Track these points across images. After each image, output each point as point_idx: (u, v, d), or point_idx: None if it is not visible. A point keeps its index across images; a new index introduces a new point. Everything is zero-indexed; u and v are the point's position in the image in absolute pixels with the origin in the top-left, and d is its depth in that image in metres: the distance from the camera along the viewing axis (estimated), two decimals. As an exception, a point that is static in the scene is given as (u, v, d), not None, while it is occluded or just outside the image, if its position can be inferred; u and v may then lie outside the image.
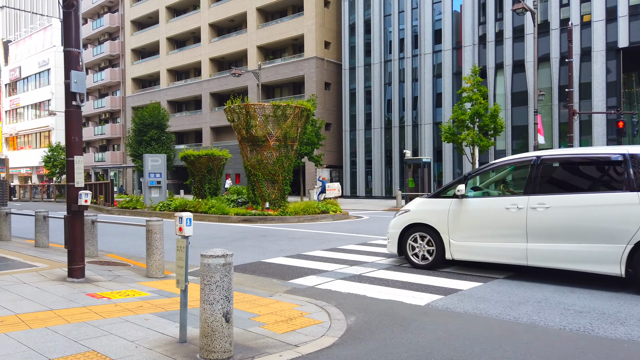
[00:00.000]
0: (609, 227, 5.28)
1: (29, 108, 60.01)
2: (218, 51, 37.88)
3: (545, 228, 5.68)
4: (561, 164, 6.10)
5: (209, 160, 18.01)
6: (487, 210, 6.24)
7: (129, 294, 5.38)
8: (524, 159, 6.36)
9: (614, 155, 5.57)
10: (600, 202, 5.40)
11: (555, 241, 5.62)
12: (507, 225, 5.97)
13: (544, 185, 5.89)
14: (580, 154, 6.10)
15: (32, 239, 10.77)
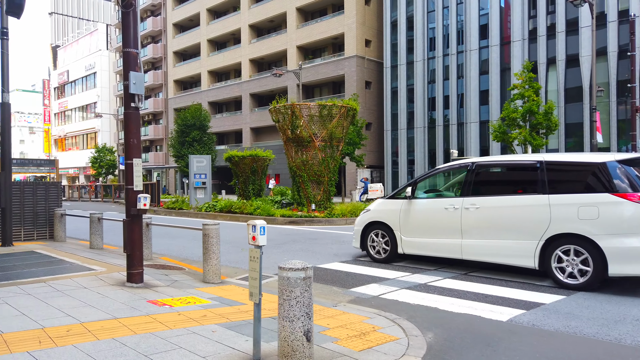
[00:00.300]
0: (526, 225, 5.95)
1: (77, 110, 62.28)
2: (258, 52, 38.06)
3: (475, 226, 6.43)
4: (491, 170, 6.98)
5: (253, 161, 17.97)
6: (430, 210, 7.03)
7: (190, 302, 5.21)
8: (462, 164, 7.08)
9: (532, 162, 6.27)
10: (519, 203, 6.12)
11: (484, 237, 6.35)
12: (446, 223, 6.72)
13: (476, 188, 6.60)
14: (506, 160, 7.03)
15: (85, 240, 10.92)
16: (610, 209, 5.43)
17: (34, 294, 5.27)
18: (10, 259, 7.64)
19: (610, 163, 5.63)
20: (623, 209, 5.36)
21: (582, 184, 5.78)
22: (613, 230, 5.38)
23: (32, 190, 10.50)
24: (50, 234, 10.63)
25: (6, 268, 6.81)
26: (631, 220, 5.30)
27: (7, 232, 9.20)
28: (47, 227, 10.64)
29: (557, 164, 6.16)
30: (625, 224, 5.34)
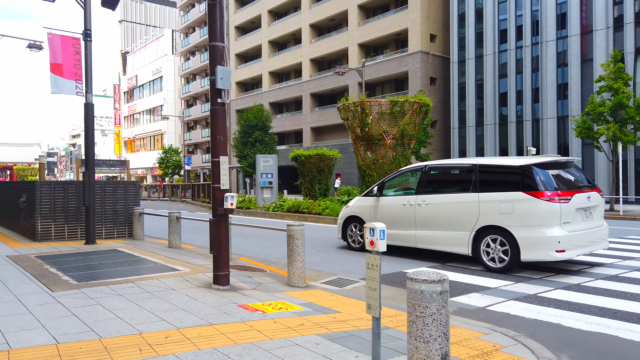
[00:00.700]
0: (462, 219, 7.00)
1: (144, 113, 65.16)
2: (318, 51, 37.93)
3: (425, 219, 7.53)
4: (439, 171, 7.92)
5: (320, 160, 17.71)
6: (393, 206, 8.12)
7: (281, 308, 4.90)
8: (418, 167, 8.12)
9: (468, 165, 7.35)
10: (457, 200, 7.17)
11: (431, 229, 7.47)
12: (404, 217, 7.84)
13: (427, 187, 7.70)
14: (450, 163, 8.07)
15: (161, 239, 11.03)
16: (522, 205, 6.46)
17: (124, 294, 5.16)
18: (95, 257, 7.72)
19: (526, 166, 6.59)
20: (532, 205, 6.38)
21: (503, 184, 6.82)
22: (524, 222, 6.40)
23: (112, 190, 10.73)
24: (129, 233, 10.82)
25: (93, 267, 6.84)
26: (538, 215, 6.32)
27: (90, 230, 9.40)
28: (127, 225, 10.84)
29: (486, 166, 7.16)
30: (533, 217, 6.36)
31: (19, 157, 48.52)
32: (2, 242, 9.73)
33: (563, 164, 7.07)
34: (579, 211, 6.52)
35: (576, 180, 6.97)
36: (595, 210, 6.86)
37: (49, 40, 8.94)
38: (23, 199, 10.65)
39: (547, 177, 6.48)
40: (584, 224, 6.58)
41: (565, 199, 6.32)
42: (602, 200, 7.06)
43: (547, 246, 6.21)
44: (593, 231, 6.69)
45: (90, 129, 9.45)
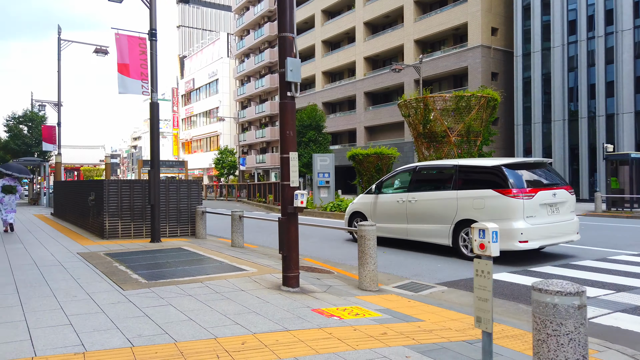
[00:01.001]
0: (444, 213, 7.73)
1: (201, 116, 67.03)
2: (372, 49, 37.38)
3: (415, 214, 8.33)
4: (427, 171, 8.76)
5: (378, 159, 17.24)
6: (388, 202, 8.93)
7: (358, 313, 4.55)
8: (410, 167, 8.99)
9: (450, 165, 8.14)
10: (440, 197, 7.93)
11: (419, 223, 8.25)
12: (398, 212, 8.64)
13: (417, 185, 8.55)
14: (435, 164, 8.89)
15: (223, 237, 10.99)
16: (491, 201, 7.27)
17: (194, 295, 5.00)
18: (162, 255, 7.70)
19: (496, 166, 7.35)
20: (499, 200, 7.17)
21: (477, 182, 7.63)
22: (493, 216, 7.12)
23: (175, 188, 10.81)
24: (192, 231, 10.86)
25: (161, 265, 6.78)
26: (504, 209, 7.09)
27: (156, 228, 9.47)
28: (189, 224, 10.88)
29: (464, 167, 7.97)
30: (500, 211, 7.13)
31: (85, 158, 51.14)
32: (73, 239, 10.01)
33: (532, 164, 7.91)
34: (544, 206, 7.24)
35: (543, 179, 7.62)
36: (563, 206, 7.50)
37: (117, 40, 9.08)
38: (92, 197, 10.95)
39: (514, 176, 7.24)
40: (549, 218, 7.29)
41: (528, 195, 7.09)
42: (570, 197, 7.68)
43: (512, 237, 6.98)
44: (559, 224, 7.39)
45: (155, 127, 9.52)
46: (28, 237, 10.43)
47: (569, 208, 7.61)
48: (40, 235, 10.69)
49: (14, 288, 5.19)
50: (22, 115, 33.88)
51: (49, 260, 7.16)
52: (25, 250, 8.18)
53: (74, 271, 6.23)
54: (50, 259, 7.22)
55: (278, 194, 21.58)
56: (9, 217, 11.67)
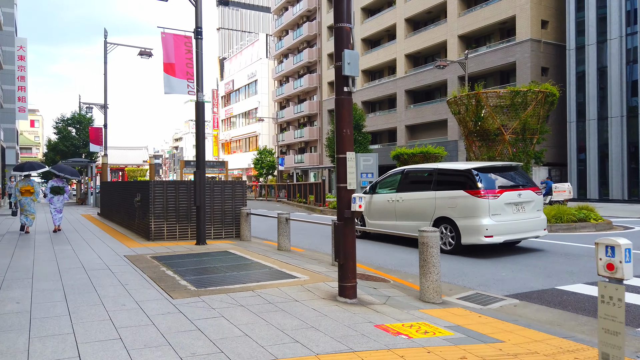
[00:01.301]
0: (424, 211, 8.75)
1: (240, 116, 67.70)
2: (414, 46, 36.51)
3: (402, 211, 9.32)
4: (412, 174, 9.68)
5: (424, 158, 16.58)
6: (381, 202, 9.88)
7: (427, 331, 4.09)
8: (400, 170, 9.97)
9: (430, 169, 9.23)
10: (422, 197, 8.94)
11: (405, 220, 9.22)
12: (388, 210, 9.62)
13: (404, 186, 9.51)
14: (420, 167, 9.84)
15: (268, 240, 10.72)
16: (462, 200, 8.08)
17: (246, 305, 4.67)
18: (208, 259, 7.46)
19: (467, 170, 8.13)
20: (468, 200, 7.98)
21: (452, 184, 8.41)
22: (463, 214, 8.00)
23: (220, 189, 10.61)
24: (237, 233, 10.64)
25: (208, 270, 6.52)
26: (472, 208, 7.90)
27: (201, 230, 9.28)
28: (234, 226, 10.67)
29: (442, 170, 8.87)
30: (469, 210, 7.95)
31: (129, 159, 52.52)
32: (119, 240, 9.97)
33: (501, 167, 8.63)
34: (509, 205, 8.07)
35: (511, 181, 8.39)
36: (528, 205, 8.33)
37: (163, 39, 8.94)
38: (137, 198, 10.90)
39: (482, 179, 8.04)
40: (514, 215, 8.11)
41: (494, 195, 7.91)
42: (537, 197, 8.49)
43: (478, 233, 7.80)
44: (523, 221, 8.20)
45: (201, 127, 9.33)
46: (76, 237, 10.49)
47: (535, 207, 8.45)
48: (88, 236, 10.73)
49: (62, 294, 5.02)
50: (70, 117, 35.02)
51: (96, 263, 7.04)
52: (74, 252, 8.13)
53: (121, 276, 6.04)
54: (97, 262, 7.10)
55: (320, 194, 21.24)
56: (57, 217, 11.87)
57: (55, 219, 11.84)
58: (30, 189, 11.64)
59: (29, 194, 11.55)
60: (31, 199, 11.56)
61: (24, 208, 11.44)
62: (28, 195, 11.54)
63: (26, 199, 11.49)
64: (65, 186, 12.38)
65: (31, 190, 11.62)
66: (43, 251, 8.31)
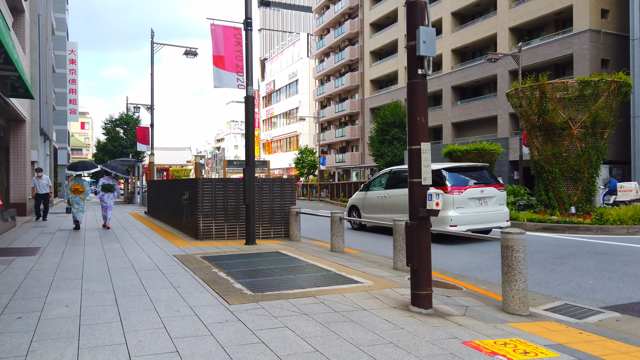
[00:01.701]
0: (405, 205, 7.10)
1: (281, 116, 67.87)
2: (460, 41, 35.23)
3: (388, 206, 10.79)
4: (397, 173, 11.15)
5: (479, 155, 15.69)
6: (373, 198, 11.51)
7: (527, 351, 3.47)
8: (388, 170, 11.68)
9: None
10: (402, 193, 10.09)
11: (391, 212, 10.42)
12: (378, 205, 11.24)
13: (390, 184, 11.06)
14: (402, 168, 11.21)
15: (318, 240, 10.25)
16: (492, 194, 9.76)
17: (310, 313, 4.18)
18: (260, 260, 7.04)
19: (438, 170, 9.57)
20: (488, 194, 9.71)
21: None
22: None
23: (269, 187, 10.23)
24: (286, 233, 10.23)
25: (262, 272, 6.09)
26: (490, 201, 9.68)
27: (250, 230, 8.90)
28: (283, 225, 10.26)
29: None
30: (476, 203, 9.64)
31: (173, 159, 53.50)
32: (167, 239, 9.74)
33: (467, 168, 10.07)
34: (472, 200, 9.41)
35: (475, 179, 9.73)
36: (491, 200, 9.66)
37: (212, 32, 8.62)
38: (185, 196, 10.67)
39: (450, 177, 9.39)
40: (477, 208, 9.44)
41: (459, 191, 9.23)
42: (499, 193, 9.80)
43: (444, 223, 9.01)
44: (486, 214, 9.52)
45: (250, 122, 8.96)
46: (125, 236, 10.36)
47: (497, 201, 9.79)
48: (136, 235, 10.59)
49: (113, 297, 4.69)
50: (118, 118, 35.88)
51: (146, 263, 6.75)
52: (123, 251, 7.92)
53: (172, 277, 5.70)
54: (147, 262, 6.82)
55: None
56: (107, 214, 12.31)
57: (105, 216, 12.24)
58: (80, 187, 12.07)
59: (78, 192, 11.99)
60: (80, 197, 12.00)
61: (74, 206, 11.92)
62: (78, 193, 12.00)
63: (76, 197, 11.96)
64: (115, 184, 12.75)
65: (80, 189, 12.06)
66: (93, 249, 8.14)
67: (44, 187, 14.26)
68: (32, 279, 5.54)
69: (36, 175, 14.37)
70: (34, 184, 14.30)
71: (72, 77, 45.97)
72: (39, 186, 14.18)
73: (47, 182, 14.35)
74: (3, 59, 9.13)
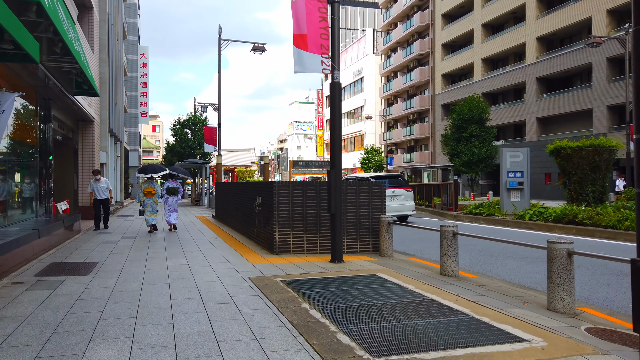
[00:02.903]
0: None
1: (345, 116, 66.32)
2: (548, 27, 31.93)
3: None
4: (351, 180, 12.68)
5: (595, 153, 13.20)
6: None
7: None
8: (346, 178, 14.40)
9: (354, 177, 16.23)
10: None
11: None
12: None
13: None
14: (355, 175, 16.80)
15: (412, 255, 8.53)
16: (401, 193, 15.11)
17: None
18: (358, 290, 5.44)
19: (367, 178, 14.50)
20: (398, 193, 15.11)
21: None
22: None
23: (354, 193, 8.63)
24: (375, 246, 8.59)
25: (369, 312, 4.47)
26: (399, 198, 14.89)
27: (337, 245, 7.34)
28: (371, 237, 8.63)
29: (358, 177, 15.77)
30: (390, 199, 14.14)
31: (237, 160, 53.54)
32: (239, 252, 8.41)
33: (386, 176, 15.86)
34: (389, 197, 13.83)
35: (390, 184, 14.75)
36: (400, 197, 15.02)
37: (293, 6, 7.15)
38: (258, 202, 9.32)
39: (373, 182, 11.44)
40: (392, 203, 14.19)
41: None
42: (407, 193, 15.29)
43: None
44: (397, 205, 14.79)
45: (336, 113, 7.40)
46: (192, 246, 9.17)
47: (405, 198, 15.14)
48: (204, 245, 9.38)
49: (174, 358, 3.25)
50: (186, 119, 35.88)
51: (216, 290, 5.36)
52: (189, 270, 6.62)
53: (251, 318, 4.22)
54: (218, 289, 5.43)
55: (449, 197, 18.52)
56: (172, 217, 12.27)
57: (170, 219, 12.24)
58: (153, 190, 12.14)
59: (151, 195, 12.05)
60: (153, 200, 12.05)
61: (147, 209, 11.95)
62: (150, 196, 12.04)
63: (149, 199, 12.00)
64: (180, 187, 12.94)
65: (153, 191, 12.12)
66: (155, 266, 6.93)
67: (103, 192, 12.55)
68: (75, 317, 4.27)
69: (94, 178, 12.66)
70: (92, 188, 12.53)
71: (143, 80, 47.05)
72: (97, 191, 12.46)
73: (106, 186, 12.65)
74: (61, 49, 8.19)
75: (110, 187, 12.93)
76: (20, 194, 9.95)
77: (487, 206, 15.32)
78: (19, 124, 9.71)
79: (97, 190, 12.49)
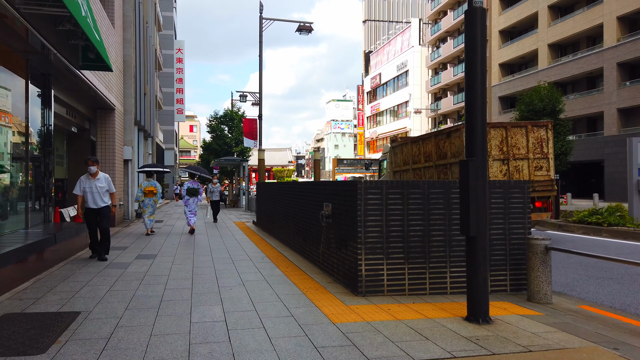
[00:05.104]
0: None
1: (387, 112, 62.86)
2: (628, 6, 27.69)
3: None
4: None
5: None
6: None
7: None
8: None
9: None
10: None
11: None
12: None
13: None
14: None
15: (588, 303, 5.35)
16: None
17: None
18: None
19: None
20: None
21: None
22: None
23: (481, 198, 5.49)
24: (514, 284, 5.44)
25: None
26: None
27: (479, 289, 4.26)
28: (508, 268, 5.50)
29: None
30: None
31: (275, 160, 51.14)
32: (302, 291, 5.41)
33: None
34: None
35: None
36: None
37: None
38: (326, 212, 6.32)
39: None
40: None
41: None
42: None
43: None
44: None
45: (479, 54, 4.30)
46: (230, 279, 6.20)
47: None
48: (246, 274, 6.46)
49: None
50: (222, 115, 33.55)
51: None
52: (227, 332, 3.64)
53: None
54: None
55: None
56: (192, 220, 11.60)
57: (190, 221, 11.60)
58: (154, 189, 11.38)
59: (152, 194, 11.29)
60: (153, 200, 11.30)
61: (147, 210, 11.15)
62: (151, 196, 11.29)
63: (149, 199, 11.25)
64: (200, 188, 12.35)
65: (154, 191, 11.36)
66: (170, 323, 4.01)
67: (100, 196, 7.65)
68: None
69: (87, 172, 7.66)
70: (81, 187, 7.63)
71: (179, 76, 45.05)
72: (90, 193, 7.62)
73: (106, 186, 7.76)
74: None
75: (112, 187, 7.82)
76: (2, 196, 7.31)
77: (606, 213, 11.80)
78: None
79: (89, 192, 7.52)
